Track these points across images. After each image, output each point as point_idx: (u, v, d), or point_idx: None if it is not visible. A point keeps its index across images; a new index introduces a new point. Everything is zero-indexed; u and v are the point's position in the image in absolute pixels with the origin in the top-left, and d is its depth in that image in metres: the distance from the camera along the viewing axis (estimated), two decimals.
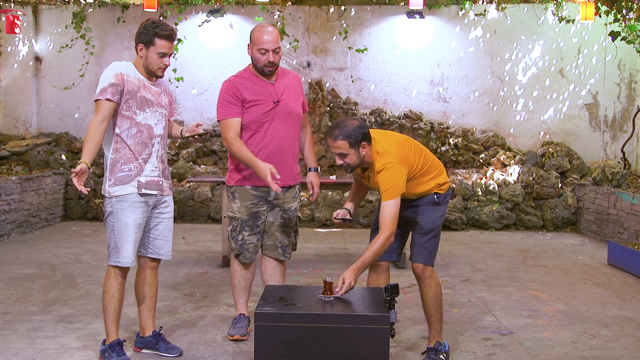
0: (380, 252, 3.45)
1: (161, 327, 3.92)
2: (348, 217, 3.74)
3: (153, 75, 3.59)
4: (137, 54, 3.56)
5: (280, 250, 4.08)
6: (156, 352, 3.75)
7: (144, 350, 3.80)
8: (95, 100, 3.46)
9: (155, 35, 3.49)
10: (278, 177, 3.64)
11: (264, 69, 3.88)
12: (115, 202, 3.52)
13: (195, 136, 3.88)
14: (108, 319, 3.59)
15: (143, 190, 3.54)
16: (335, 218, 3.72)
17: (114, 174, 3.53)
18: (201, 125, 3.87)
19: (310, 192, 4.12)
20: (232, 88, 3.88)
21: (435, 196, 3.72)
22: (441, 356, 3.66)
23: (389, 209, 3.45)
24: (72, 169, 3.45)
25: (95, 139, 3.42)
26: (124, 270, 3.63)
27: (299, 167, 4.15)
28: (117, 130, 3.52)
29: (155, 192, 3.61)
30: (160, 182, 3.64)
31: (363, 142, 3.49)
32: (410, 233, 3.84)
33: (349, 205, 3.81)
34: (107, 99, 3.42)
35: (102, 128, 3.43)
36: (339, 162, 3.54)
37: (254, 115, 3.86)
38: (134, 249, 3.58)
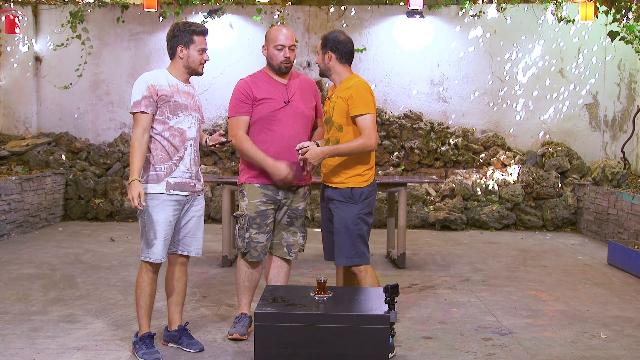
0: (354, 150, 3.66)
1: (187, 322, 3.98)
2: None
3: (194, 73, 3.73)
4: (176, 56, 3.70)
5: (286, 249, 4.10)
6: (179, 347, 3.84)
7: (170, 344, 3.89)
8: (132, 113, 3.60)
9: (193, 33, 3.66)
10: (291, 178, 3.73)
11: (280, 65, 3.95)
12: (148, 200, 3.64)
13: (217, 145, 3.90)
14: (140, 312, 3.74)
15: (172, 191, 3.65)
16: (299, 149, 3.74)
17: (146, 172, 3.66)
18: (224, 134, 3.89)
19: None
20: (245, 87, 3.96)
21: (351, 190, 3.75)
22: None
23: (366, 121, 3.69)
24: (129, 196, 3.50)
25: (141, 152, 3.56)
26: (155, 266, 3.73)
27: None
28: (152, 132, 3.65)
29: (186, 193, 3.72)
30: (192, 184, 3.75)
31: (330, 51, 3.82)
32: None
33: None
34: (142, 112, 3.57)
35: (144, 140, 3.58)
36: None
37: (264, 112, 3.91)
38: (164, 246, 3.68)
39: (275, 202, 3.99)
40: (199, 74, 3.76)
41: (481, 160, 9.17)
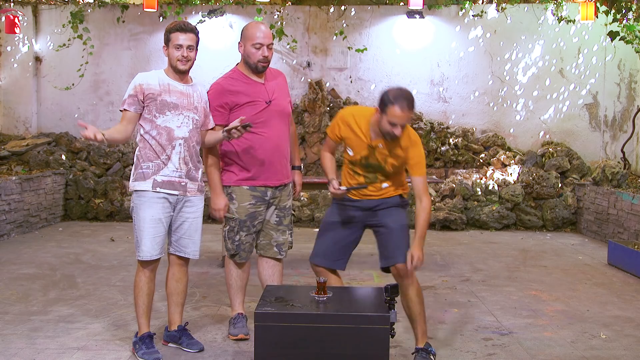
0: (429, 219, 3.69)
1: (187, 322, 3.98)
2: (349, 186, 3.72)
3: (177, 71, 3.75)
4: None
5: (276, 248, 4.09)
6: (179, 347, 3.85)
7: (169, 344, 3.90)
8: (120, 110, 3.75)
9: (169, 32, 3.73)
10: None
11: (257, 64, 3.90)
12: (136, 197, 3.70)
13: (239, 127, 3.65)
14: (138, 312, 3.75)
15: (158, 189, 3.67)
16: (338, 189, 3.63)
17: (136, 170, 3.73)
18: (244, 118, 3.71)
19: (293, 190, 4.21)
20: (221, 93, 3.90)
21: (400, 197, 3.78)
22: (431, 357, 3.62)
23: (424, 181, 3.67)
24: (86, 133, 3.46)
25: (118, 129, 3.68)
26: (147, 264, 3.74)
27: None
28: (141, 131, 3.74)
29: (175, 192, 3.73)
30: (183, 183, 3.75)
31: None
32: (376, 239, 3.80)
33: (335, 176, 3.78)
34: (124, 109, 3.70)
35: (126, 129, 3.70)
36: (396, 132, 3.42)
37: (247, 115, 3.83)
38: (152, 243, 3.68)
39: (264, 202, 3.98)
40: (179, 70, 3.73)
41: (481, 160, 9.17)
